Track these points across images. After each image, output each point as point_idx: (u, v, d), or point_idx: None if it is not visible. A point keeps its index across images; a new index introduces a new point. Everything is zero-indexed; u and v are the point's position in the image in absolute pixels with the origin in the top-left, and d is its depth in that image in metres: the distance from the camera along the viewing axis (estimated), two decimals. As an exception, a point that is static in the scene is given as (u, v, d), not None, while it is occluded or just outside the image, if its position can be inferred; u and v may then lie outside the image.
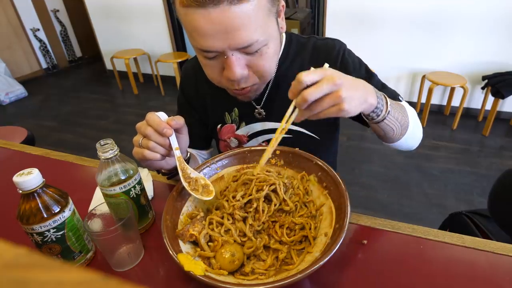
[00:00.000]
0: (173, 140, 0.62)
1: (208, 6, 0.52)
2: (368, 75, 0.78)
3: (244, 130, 0.84)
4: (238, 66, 0.60)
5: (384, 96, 0.60)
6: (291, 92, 0.50)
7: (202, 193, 0.62)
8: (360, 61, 0.79)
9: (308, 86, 0.48)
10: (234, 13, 0.53)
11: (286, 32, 0.76)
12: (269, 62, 0.65)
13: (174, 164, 0.67)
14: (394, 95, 0.76)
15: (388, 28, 2.83)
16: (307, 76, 0.47)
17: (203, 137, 0.92)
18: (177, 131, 0.63)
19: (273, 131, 0.83)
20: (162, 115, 0.62)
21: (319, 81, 0.48)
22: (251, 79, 0.65)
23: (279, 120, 0.81)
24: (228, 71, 0.61)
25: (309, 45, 0.79)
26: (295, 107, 0.52)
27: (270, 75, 0.69)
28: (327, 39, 0.79)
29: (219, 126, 0.86)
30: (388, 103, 0.59)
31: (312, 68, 0.49)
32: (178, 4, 0.56)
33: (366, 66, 0.79)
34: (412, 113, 0.73)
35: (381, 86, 0.78)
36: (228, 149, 0.79)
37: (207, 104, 0.85)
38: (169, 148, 0.62)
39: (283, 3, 0.65)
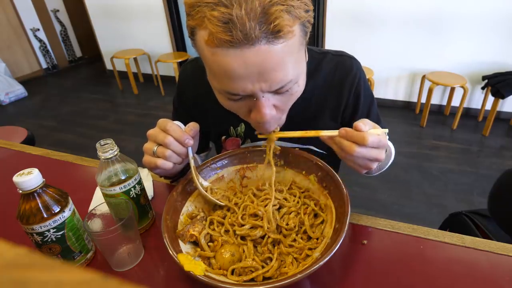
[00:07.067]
0: (190, 150, 0.61)
1: (244, 46, 0.45)
2: (370, 103, 0.77)
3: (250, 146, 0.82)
4: (268, 108, 0.54)
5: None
6: (345, 132, 0.53)
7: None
8: (369, 88, 0.77)
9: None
10: (270, 53, 0.47)
11: None
12: (295, 99, 0.59)
13: (179, 170, 0.66)
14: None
15: (388, 28, 2.83)
16: (370, 138, 0.50)
17: (201, 141, 0.90)
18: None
19: None
20: (180, 124, 0.60)
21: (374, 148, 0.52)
22: (278, 120, 0.60)
23: (284, 140, 0.78)
24: (257, 113, 0.55)
25: (324, 63, 0.73)
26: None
27: None
28: (343, 55, 0.74)
29: (223, 137, 0.83)
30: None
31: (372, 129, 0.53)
32: (202, 42, 0.48)
33: (371, 93, 0.78)
34: (391, 153, 0.74)
35: (376, 118, 0.77)
36: None
37: (208, 116, 0.81)
38: (186, 158, 0.61)
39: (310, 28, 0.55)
